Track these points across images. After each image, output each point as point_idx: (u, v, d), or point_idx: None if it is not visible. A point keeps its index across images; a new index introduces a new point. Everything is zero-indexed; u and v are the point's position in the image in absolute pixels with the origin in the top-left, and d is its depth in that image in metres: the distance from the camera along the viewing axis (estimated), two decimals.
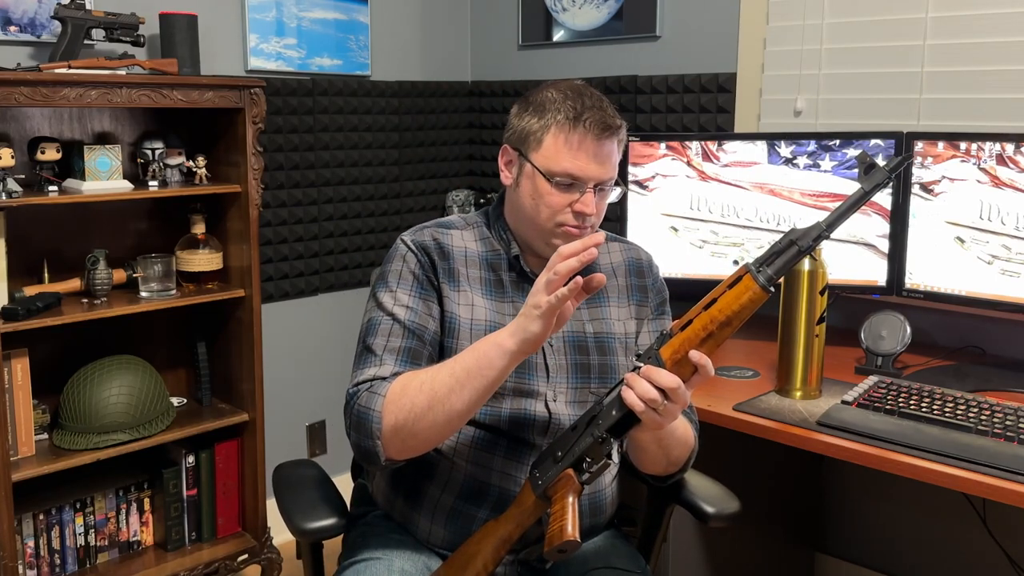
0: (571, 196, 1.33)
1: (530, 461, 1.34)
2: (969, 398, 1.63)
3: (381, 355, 1.31)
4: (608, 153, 1.33)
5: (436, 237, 1.41)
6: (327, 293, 2.83)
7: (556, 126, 1.32)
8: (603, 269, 1.48)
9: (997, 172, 1.83)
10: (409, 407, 1.22)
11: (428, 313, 1.35)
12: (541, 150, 1.33)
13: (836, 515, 2.39)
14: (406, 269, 1.38)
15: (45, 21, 2.12)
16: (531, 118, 1.35)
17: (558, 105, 1.33)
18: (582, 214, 1.33)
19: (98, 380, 2.12)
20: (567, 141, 1.31)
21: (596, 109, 1.32)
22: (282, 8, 2.58)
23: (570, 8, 2.79)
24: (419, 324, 1.34)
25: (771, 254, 1.14)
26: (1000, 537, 2.03)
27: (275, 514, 1.49)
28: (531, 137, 1.35)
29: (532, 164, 1.34)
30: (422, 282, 1.37)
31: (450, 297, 1.37)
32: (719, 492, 1.45)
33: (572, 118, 1.31)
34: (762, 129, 2.38)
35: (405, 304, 1.35)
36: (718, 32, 2.46)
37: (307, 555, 1.42)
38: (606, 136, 1.32)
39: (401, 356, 1.31)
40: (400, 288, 1.36)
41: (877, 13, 2.18)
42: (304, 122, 2.66)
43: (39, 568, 2.13)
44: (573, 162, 1.31)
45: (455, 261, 1.40)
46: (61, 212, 2.18)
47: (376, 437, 1.24)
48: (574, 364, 1.40)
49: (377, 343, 1.32)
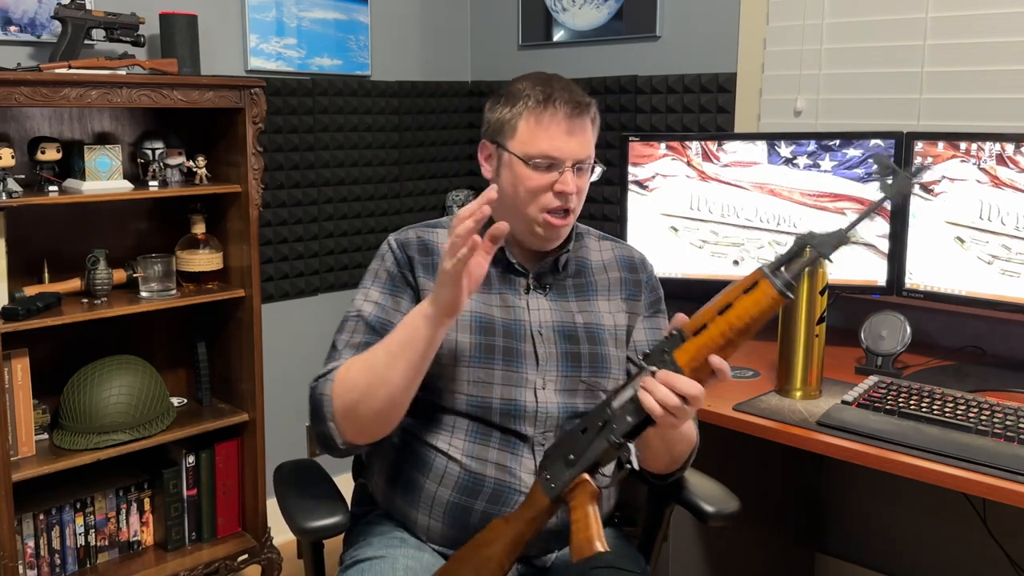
0: (551, 177, 1.35)
1: (523, 452, 1.36)
2: (969, 398, 1.63)
3: (342, 350, 1.37)
4: (582, 130, 1.37)
5: (420, 235, 1.45)
6: (327, 293, 2.83)
7: (528, 111, 1.36)
8: (594, 265, 1.50)
9: (997, 172, 1.83)
10: (352, 386, 1.26)
11: (396, 309, 1.39)
12: (516, 136, 1.37)
13: (836, 515, 2.39)
14: (382, 268, 1.43)
15: (45, 21, 2.12)
16: (503, 109, 1.39)
17: (527, 91, 1.37)
18: (563, 193, 1.35)
19: (98, 380, 2.12)
20: (539, 123, 1.35)
21: (564, 90, 1.36)
22: (282, 8, 2.58)
23: (570, 8, 2.79)
24: (383, 319, 1.38)
25: (787, 258, 1.11)
26: (1000, 537, 2.03)
27: (275, 514, 1.49)
28: (506, 126, 1.38)
29: (510, 152, 1.37)
30: (395, 279, 1.41)
31: (431, 291, 1.38)
32: (719, 492, 1.45)
33: (542, 100, 1.35)
34: (762, 129, 2.38)
35: (374, 300, 1.40)
36: (718, 32, 2.46)
37: (308, 554, 1.42)
38: (577, 114, 1.35)
39: (359, 351, 1.35)
40: (373, 286, 1.42)
41: (877, 13, 2.18)
42: (304, 122, 2.66)
43: (39, 568, 2.13)
44: (549, 143, 1.34)
45: (439, 256, 1.42)
46: (61, 212, 2.18)
47: (329, 420, 1.28)
48: (564, 353, 1.41)
49: (341, 339, 1.38)
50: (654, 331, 1.50)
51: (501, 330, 1.39)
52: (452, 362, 1.37)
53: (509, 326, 1.40)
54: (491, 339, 1.38)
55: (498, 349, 1.38)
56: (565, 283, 1.46)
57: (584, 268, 1.49)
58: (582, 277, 1.48)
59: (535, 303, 1.43)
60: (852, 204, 2.05)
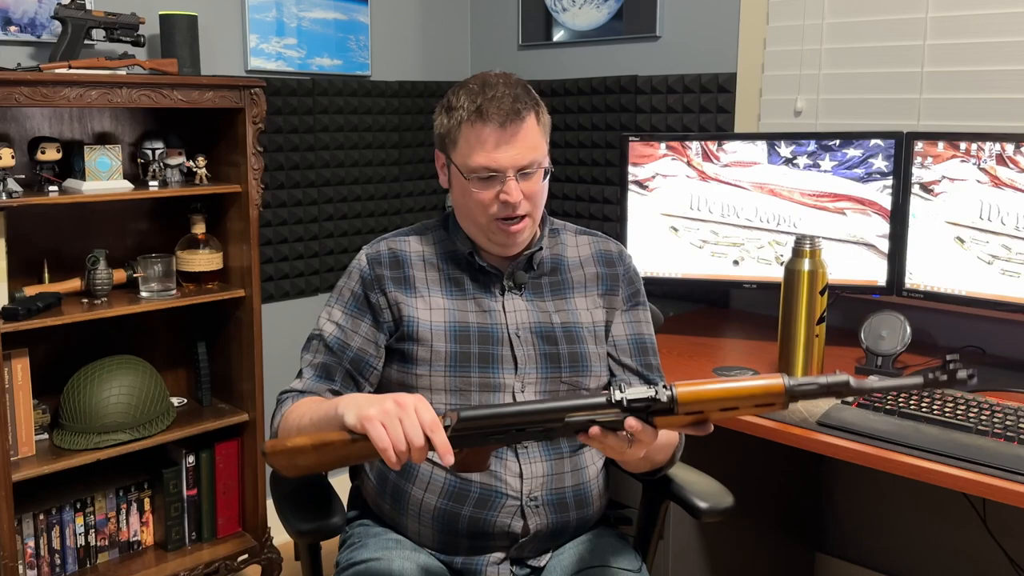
0: (494, 188, 1.35)
1: (507, 456, 1.36)
2: (969, 398, 1.63)
3: (303, 369, 1.42)
4: (519, 136, 1.34)
5: (392, 246, 1.46)
6: (327, 293, 2.82)
7: (464, 124, 1.35)
8: (570, 262, 1.49)
9: (997, 172, 1.83)
10: (286, 431, 1.31)
11: (355, 331, 1.42)
12: (457, 149, 1.37)
13: (836, 515, 2.39)
14: (347, 286, 1.46)
15: (45, 21, 2.12)
16: (443, 119, 1.39)
17: (462, 102, 1.36)
18: (507, 203, 1.34)
19: (98, 380, 2.12)
20: (474, 136, 1.34)
21: (497, 98, 1.33)
22: (282, 8, 2.58)
23: (570, 8, 2.79)
24: (341, 341, 1.41)
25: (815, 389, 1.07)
26: (1000, 537, 2.03)
27: (275, 514, 1.49)
28: (447, 138, 1.39)
29: (455, 164, 1.38)
30: (358, 300, 1.43)
31: (407, 303, 1.41)
32: (713, 487, 1.44)
33: (474, 111, 1.34)
34: (762, 129, 2.38)
35: (336, 321, 1.43)
36: (718, 32, 2.46)
37: (305, 556, 1.42)
38: (511, 121, 1.33)
39: (317, 371, 1.40)
40: (337, 305, 1.45)
41: (877, 13, 2.18)
42: (304, 122, 2.66)
43: (39, 568, 2.13)
44: (486, 155, 1.34)
45: (411, 267, 1.43)
46: (61, 212, 2.18)
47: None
48: (543, 354, 1.41)
49: (305, 358, 1.43)
50: (633, 324, 1.49)
51: (477, 336, 1.39)
52: (428, 372, 1.37)
53: (485, 331, 1.40)
54: (466, 347, 1.38)
55: (474, 356, 1.38)
56: (541, 281, 1.46)
57: (560, 265, 1.48)
58: (558, 275, 1.47)
59: (511, 304, 1.43)
60: (852, 204, 2.05)
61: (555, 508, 1.38)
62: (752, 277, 2.18)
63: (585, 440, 1.12)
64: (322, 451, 1.13)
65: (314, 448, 1.12)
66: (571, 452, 1.41)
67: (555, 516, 1.38)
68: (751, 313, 2.45)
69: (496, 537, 1.36)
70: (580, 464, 1.42)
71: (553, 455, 1.39)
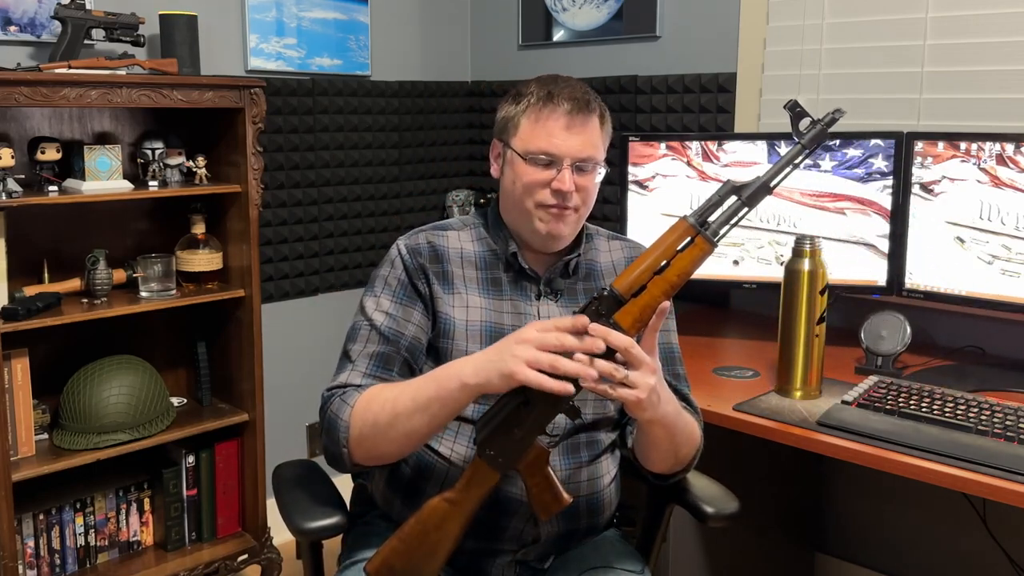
0: (549, 174, 1.35)
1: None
2: (969, 398, 1.63)
3: (355, 360, 1.35)
4: (583, 128, 1.35)
5: (431, 240, 1.43)
6: (327, 293, 2.83)
7: (530, 108, 1.36)
8: (603, 267, 1.49)
9: (997, 172, 1.83)
10: (372, 421, 1.25)
11: (407, 319, 1.37)
12: (519, 134, 1.37)
13: (836, 515, 2.39)
14: (392, 275, 1.41)
15: (45, 21, 2.12)
16: (510, 107, 1.40)
17: (532, 89, 1.38)
18: (559, 191, 1.34)
19: (98, 380, 2.12)
20: (539, 119, 1.35)
21: (568, 87, 1.36)
22: (282, 8, 2.58)
23: (570, 8, 2.79)
24: (395, 330, 1.36)
25: (711, 207, 1.18)
26: (1000, 537, 2.03)
27: (275, 514, 1.49)
28: (510, 124, 1.39)
29: (512, 149, 1.37)
30: (406, 288, 1.39)
31: (444, 299, 1.38)
32: (718, 492, 1.45)
33: (544, 97, 1.35)
34: (762, 129, 2.38)
35: (385, 310, 1.38)
36: (718, 32, 2.46)
37: (307, 555, 1.42)
38: (578, 111, 1.35)
39: (373, 361, 1.34)
40: (384, 294, 1.39)
41: (877, 13, 2.18)
42: (304, 122, 2.66)
43: (39, 568, 2.13)
44: (548, 140, 1.34)
45: (450, 263, 1.41)
46: (61, 212, 2.18)
47: (343, 445, 1.27)
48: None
49: (354, 349, 1.37)
50: (664, 333, 1.47)
51: None
52: None
53: None
54: None
55: None
56: (576, 287, 1.45)
57: (593, 271, 1.48)
58: (591, 280, 1.47)
59: (545, 310, 1.42)
60: (852, 204, 2.05)
61: (567, 516, 1.37)
62: (752, 277, 2.18)
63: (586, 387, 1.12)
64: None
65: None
66: (589, 460, 1.40)
67: (566, 524, 1.38)
68: (751, 313, 2.45)
69: (506, 541, 1.37)
70: (597, 473, 1.41)
71: (572, 463, 1.38)
